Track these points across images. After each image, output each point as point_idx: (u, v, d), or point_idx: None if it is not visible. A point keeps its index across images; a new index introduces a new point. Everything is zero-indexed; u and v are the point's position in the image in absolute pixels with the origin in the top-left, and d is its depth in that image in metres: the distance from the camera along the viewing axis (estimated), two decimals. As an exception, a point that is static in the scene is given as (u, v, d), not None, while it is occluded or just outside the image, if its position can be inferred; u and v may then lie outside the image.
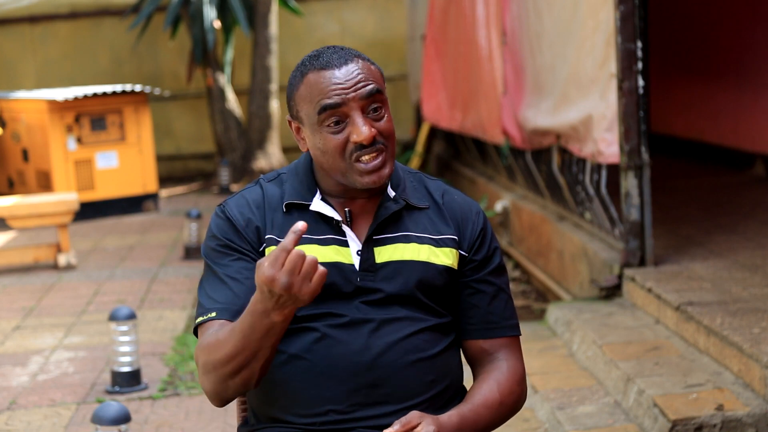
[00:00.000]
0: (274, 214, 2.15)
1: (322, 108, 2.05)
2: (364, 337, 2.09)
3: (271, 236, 2.13)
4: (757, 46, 7.93)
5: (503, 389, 2.16)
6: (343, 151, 2.07)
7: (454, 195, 2.24)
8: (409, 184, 2.21)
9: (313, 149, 2.13)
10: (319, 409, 2.09)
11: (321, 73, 2.07)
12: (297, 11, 12.07)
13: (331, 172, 2.12)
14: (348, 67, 2.07)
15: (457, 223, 2.20)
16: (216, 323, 2.06)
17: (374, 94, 2.07)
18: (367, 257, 2.12)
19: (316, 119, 2.07)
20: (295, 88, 2.11)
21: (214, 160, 12.20)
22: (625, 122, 5.03)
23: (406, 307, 2.13)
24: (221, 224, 2.15)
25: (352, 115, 2.06)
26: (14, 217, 7.54)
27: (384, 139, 2.09)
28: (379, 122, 2.09)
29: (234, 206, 2.16)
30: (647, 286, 4.82)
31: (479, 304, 2.19)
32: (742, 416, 3.61)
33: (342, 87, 2.05)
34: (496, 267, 2.22)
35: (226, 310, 2.07)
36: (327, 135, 2.07)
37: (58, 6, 12.70)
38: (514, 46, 6.88)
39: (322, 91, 2.06)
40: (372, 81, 2.08)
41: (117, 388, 4.71)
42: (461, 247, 2.18)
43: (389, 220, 2.16)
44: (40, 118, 9.66)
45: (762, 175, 7.98)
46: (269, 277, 1.82)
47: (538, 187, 6.99)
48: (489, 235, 2.23)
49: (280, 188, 2.18)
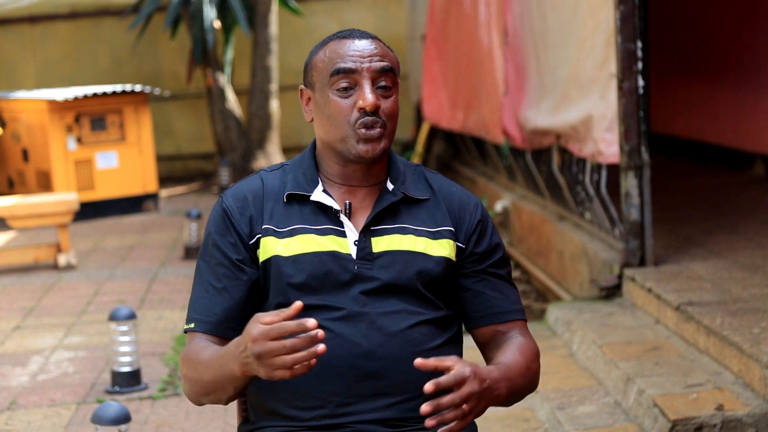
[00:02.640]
0: (274, 204, 2.19)
1: (336, 70, 2.14)
2: (362, 330, 2.10)
3: (269, 226, 2.17)
4: (757, 46, 7.93)
5: (527, 357, 2.17)
6: (347, 116, 2.14)
7: (453, 187, 2.28)
8: (409, 177, 2.24)
9: (318, 118, 2.19)
10: (318, 401, 2.11)
11: (342, 41, 2.17)
12: (297, 11, 12.07)
13: (332, 141, 2.17)
14: (368, 41, 2.18)
15: (454, 214, 2.23)
16: (196, 336, 2.16)
17: (386, 71, 2.15)
18: (364, 246, 2.15)
19: (328, 81, 2.15)
20: (315, 53, 2.21)
21: (214, 160, 12.20)
22: (625, 122, 5.03)
23: (404, 299, 2.14)
24: (217, 219, 2.21)
25: (362, 83, 2.14)
26: (14, 217, 7.54)
27: (386, 117, 2.15)
28: (385, 100, 2.16)
29: (231, 197, 2.22)
30: (647, 286, 4.82)
31: (485, 291, 2.21)
32: (742, 416, 3.61)
33: (359, 55, 2.14)
34: (499, 259, 2.25)
35: (204, 323, 2.16)
36: (335, 98, 2.15)
37: (58, 6, 12.69)
38: (516, 45, 6.88)
39: (340, 55, 2.15)
40: (387, 60, 2.16)
41: (117, 388, 4.71)
42: (458, 239, 2.21)
43: (387, 211, 2.19)
44: (40, 118, 9.66)
45: (762, 175, 7.98)
46: (253, 336, 1.90)
47: (538, 187, 6.99)
48: (489, 228, 2.25)
49: (282, 179, 2.22)
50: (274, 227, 2.16)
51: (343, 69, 2.13)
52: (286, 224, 2.16)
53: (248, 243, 2.17)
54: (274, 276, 2.14)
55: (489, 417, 4.12)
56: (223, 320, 2.15)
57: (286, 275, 2.13)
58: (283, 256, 2.13)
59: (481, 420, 3.96)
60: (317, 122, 2.20)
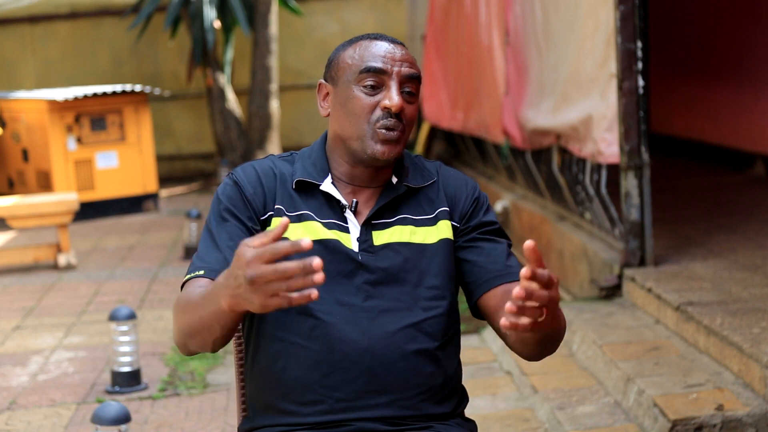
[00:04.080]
0: (284, 187, 2.19)
1: (367, 68, 2.15)
2: (363, 326, 2.11)
3: (280, 207, 2.16)
4: (757, 46, 7.93)
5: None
6: (369, 114, 2.14)
7: (450, 171, 2.30)
8: (411, 167, 2.26)
9: (337, 114, 2.18)
10: (318, 396, 2.11)
11: (374, 42, 2.19)
12: (297, 11, 12.08)
13: (350, 138, 2.16)
14: (399, 47, 2.20)
15: (450, 194, 2.24)
16: (201, 281, 2.08)
17: (413, 79, 2.18)
18: (366, 239, 2.16)
19: (356, 77, 2.16)
20: (343, 50, 2.21)
21: (214, 160, 12.20)
22: (625, 122, 5.03)
23: (406, 290, 2.15)
24: (228, 189, 2.18)
25: (390, 84, 2.15)
26: (14, 217, 7.54)
27: (406, 121, 2.17)
28: (408, 105, 2.17)
29: (242, 172, 2.20)
30: (647, 286, 4.82)
31: (490, 254, 2.20)
32: (742, 416, 3.61)
33: (391, 57, 2.17)
34: (498, 230, 2.25)
35: (215, 271, 2.07)
36: (360, 94, 2.15)
37: (58, 6, 12.70)
38: (517, 45, 6.88)
39: (373, 54, 2.16)
40: (415, 69, 2.20)
41: (117, 388, 4.71)
42: (452, 218, 2.22)
43: (388, 206, 2.20)
44: (40, 118, 9.66)
45: (762, 175, 7.98)
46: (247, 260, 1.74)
47: (538, 187, 6.99)
48: (483, 206, 2.25)
49: (291, 166, 2.23)
50: (284, 209, 2.16)
51: (374, 68, 2.14)
52: (295, 209, 2.16)
53: (259, 218, 2.16)
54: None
55: (489, 417, 4.12)
56: None
57: (290, 260, 2.11)
58: (290, 240, 2.12)
59: (481, 420, 3.97)
60: (334, 118, 2.20)
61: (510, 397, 4.37)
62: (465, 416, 2.26)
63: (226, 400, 4.57)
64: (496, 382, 4.56)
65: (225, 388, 4.74)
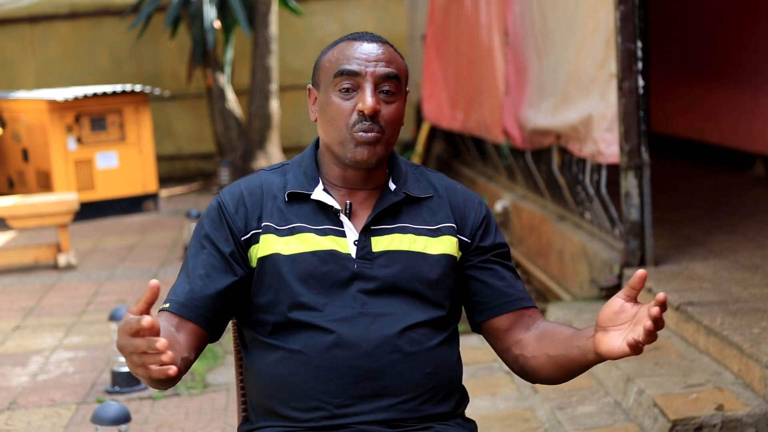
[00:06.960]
0: (273, 201, 2.18)
1: (340, 71, 2.14)
2: (361, 331, 2.10)
3: (269, 224, 2.16)
4: (757, 46, 7.93)
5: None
6: (347, 118, 2.13)
7: (456, 185, 2.29)
8: (411, 176, 2.24)
9: (321, 118, 2.19)
10: (317, 402, 2.10)
11: (351, 43, 2.17)
12: (297, 11, 12.07)
13: (332, 143, 2.16)
14: (376, 45, 2.16)
15: (459, 211, 2.23)
16: (164, 315, 2.12)
17: (390, 78, 2.14)
18: (364, 245, 2.15)
19: (332, 81, 2.15)
20: (324, 54, 2.21)
21: (214, 160, 12.20)
22: (625, 122, 5.03)
23: (403, 299, 2.14)
24: (212, 213, 2.20)
25: (364, 86, 2.13)
26: (14, 217, 7.54)
27: (384, 123, 2.14)
28: (386, 105, 2.14)
29: (227, 193, 2.21)
30: (647, 286, 4.82)
31: (502, 279, 2.22)
32: (742, 416, 3.61)
33: (364, 58, 2.14)
34: (507, 253, 2.26)
35: (180, 304, 2.12)
36: (336, 99, 2.14)
37: (58, 6, 12.70)
38: (517, 46, 6.88)
39: (346, 57, 2.15)
40: (393, 67, 2.15)
41: (117, 388, 4.71)
42: (462, 233, 2.21)
43: (387, 211, 2.18)
44: (40, 118, 9.66)
45: (762, 175, 7.98)
46: (119, 328, 1.84)
47: (538, 187, 6.99)
48: (493, 225, 2.26)
49: (283, 177, 2.22)
50: (274, 225, 2.15)
51: (347, 71, 2.13)
52: (287, 222, 2.16)
53: (240, 239, 2.16)
54: (271, 274, 2.13)
55: (489, 417, 4.12)
56: (198, 303, 2.11)
57: (286, 274, 2.12)
58: (283, 254, 2.13)
59: (481, 420, 3.97)
60: (320, 123, 2.20)
61: (510, 397, 4.37)
62: (465, 416, 2.26)
63: (226, 400, 4.57)
64: (496, 382, 4.56)
65: (225, 388, 4.75)
